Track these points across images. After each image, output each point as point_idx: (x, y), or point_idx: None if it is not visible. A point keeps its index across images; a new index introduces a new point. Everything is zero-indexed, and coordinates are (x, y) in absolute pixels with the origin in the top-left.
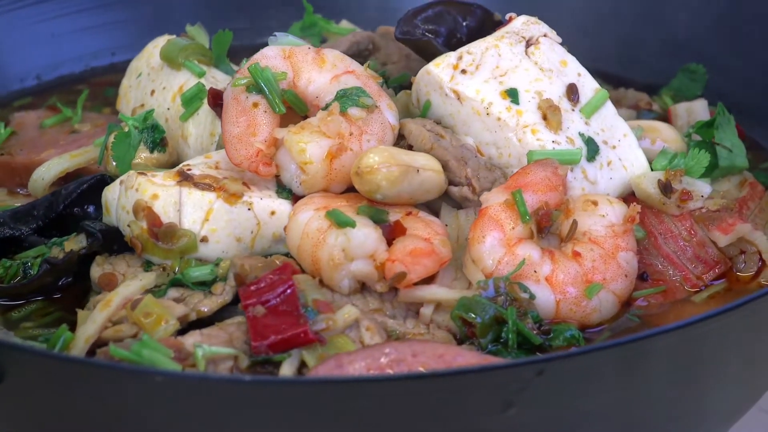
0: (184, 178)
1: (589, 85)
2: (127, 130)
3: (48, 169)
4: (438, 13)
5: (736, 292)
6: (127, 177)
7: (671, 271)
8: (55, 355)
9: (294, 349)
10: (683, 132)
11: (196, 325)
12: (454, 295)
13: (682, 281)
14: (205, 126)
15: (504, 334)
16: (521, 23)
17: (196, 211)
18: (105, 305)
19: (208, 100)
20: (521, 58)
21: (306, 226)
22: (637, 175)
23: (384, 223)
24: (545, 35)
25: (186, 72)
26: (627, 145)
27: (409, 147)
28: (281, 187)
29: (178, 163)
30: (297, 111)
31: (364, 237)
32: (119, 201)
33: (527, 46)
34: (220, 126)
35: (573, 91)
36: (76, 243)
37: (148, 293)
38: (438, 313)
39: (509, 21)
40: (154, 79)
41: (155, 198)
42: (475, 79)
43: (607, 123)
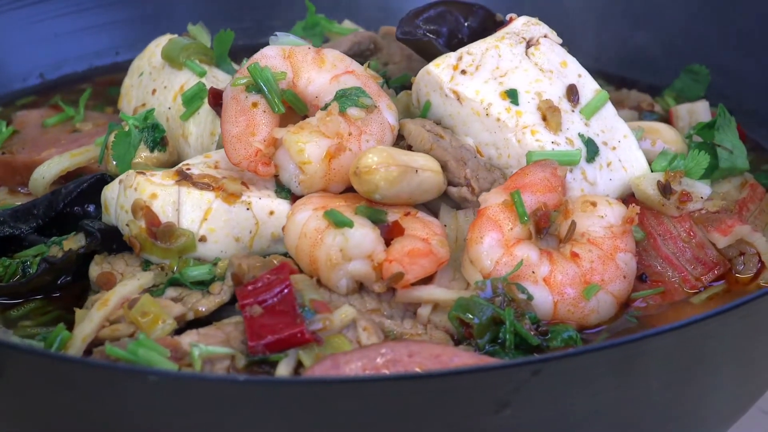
0: (182, 177)
1: (589, 86)
2: (127, 129)
3: (48, 168)
4: (440, 14)
5: (735, 294)
6: (126, 176)
7: (670, 273)
8: (49, 354)
9: (291, 349)
10: (684, 133)
11: (194, 324)
12: (452, 295)
13: (681, 282)
14: (205, 125)
15: (501, 334)
16: (521, 24)
17: (194, 211)
18: (102, 304)
19: (209, 100)
20: (521, 59)
21: (304, 226)
22: (636, 176)
23: (382, 223)
24: (545, 36)
25: (187, 71)
26: (627, 146)
27: (409, 147)
28: (280, 187)
29: (179, 163)
30: (297, 111)
31: (361, 237)
32: (118, 200)
33: (527, 46)
34: (220, 125)
35: (573, 92)
36: (75, 242)
37: (146, 292)
38: (435, 313)
39: (510, 22)
40: (155, 79)
41: (154, 197)
42: (475, 80)
43: (607, 124)
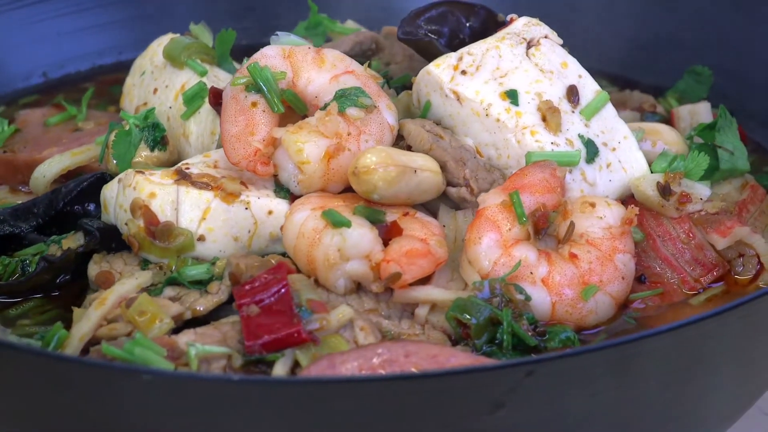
0: (181, 176)
1: (589, 87)
2: (128, 128)
3: (49, 167)
4: (441, 14)
5: (734, 295)
6: (125, 175)
7: (669, 274)
8: (45, 353)
9: (287, 348)
10: (685, 134)
11: (192, 323)
12: (450, 295)
13: (680, 284)
14: (206, 125)
15: (499, 335)
16: (522, 24)
17: (193, 210)
18: (100, 303)
19: (209, 99)
20: (522, 60)
21: (302, 226)
22: (636, 177)
23: (381, 223)
24: (546, 37)
25: (188, 71)
26: (627, 147)
27: (408, 147)
28: (279, 187)
29: (179, 162)
30: (296, 111)
31: (359, 237)
32: (117, 199)
33: (528, 47)
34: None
35: (573, 92)
36: (73, 241)
37: (144, 292)
38: (433, 313)
39: (511, 22)
40: (157, 78)
41: (152, 196)
42: (475, 80)
43: (608, 125)
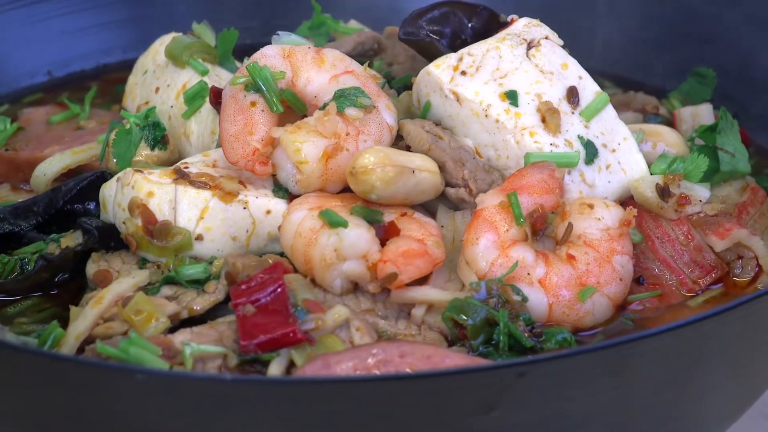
0: (180, 176)
1: (589, 88)
2: (128, 127)
3: (50, 165)
4: (443, 14)
5: (732, 297)
6: (123, 174)
7: (668, 275)
8: (40, 352)
9: (283, 348)
10: (687, 136)
11: (189, 323)
12: (446, 296)
13: (678, 285)
14: (206, 124)
15: (495, 336)
16: (523, 25)
17: (191, 209)
18: (97, 302)
19: (210, 99)
20: (522, 60)
21: (299, 226)
22: (635, 178)
23: (378, 223)
24: (547, 37)
25: (190, 70)
26: (627, 149)
27: (408, 148)
28: (278, 187)
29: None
30: (296, 110)
31: (356, 237)
32: (115, 198)
33: (528, 48)
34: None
35: (573, 93)
36: (72, 239)
37: (141, 290)
38: (430, 314)
39: (511, 23)
40: (159, 77)
41: (150, 195)
42: (475, 81)
43: (608, 126)
